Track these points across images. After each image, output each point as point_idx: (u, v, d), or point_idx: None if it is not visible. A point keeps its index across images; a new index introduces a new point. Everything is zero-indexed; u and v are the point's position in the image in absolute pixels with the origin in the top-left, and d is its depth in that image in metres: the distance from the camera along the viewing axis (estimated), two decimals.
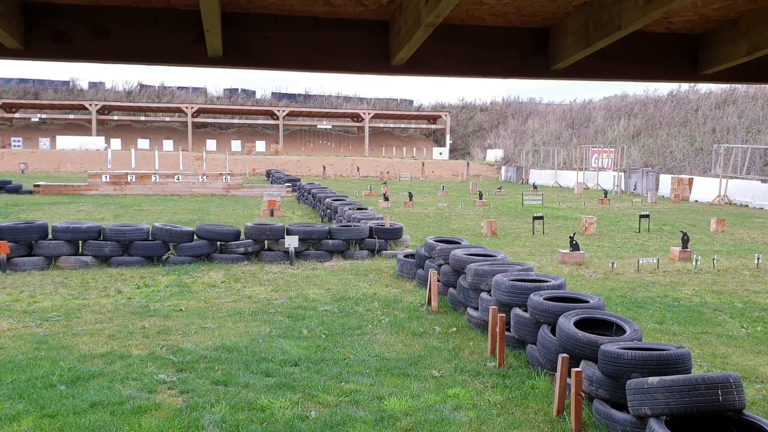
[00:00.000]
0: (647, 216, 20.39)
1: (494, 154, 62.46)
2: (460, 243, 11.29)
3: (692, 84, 46.80)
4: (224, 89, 72.85)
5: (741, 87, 44.17)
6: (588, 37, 2.80)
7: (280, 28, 2.92)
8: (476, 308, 8.54)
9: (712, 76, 3.37)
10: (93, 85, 69.40)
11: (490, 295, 8.03)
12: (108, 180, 31.77)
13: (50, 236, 12.54)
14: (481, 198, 29.09)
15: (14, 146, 57.27)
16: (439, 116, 69.43)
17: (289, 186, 34.05)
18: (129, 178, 32.29)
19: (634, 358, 5.21)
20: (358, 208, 18.41)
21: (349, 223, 15.38)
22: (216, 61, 2.89)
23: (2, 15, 2.49)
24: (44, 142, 58.21)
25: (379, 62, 3.12)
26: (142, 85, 70.32)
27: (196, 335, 8.04)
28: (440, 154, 63.40)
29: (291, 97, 73.26)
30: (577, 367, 5.58)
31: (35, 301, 9.72)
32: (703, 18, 3.02)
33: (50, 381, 6.29)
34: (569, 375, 5.41)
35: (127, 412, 5.63)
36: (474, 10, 2.91)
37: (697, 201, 32.15)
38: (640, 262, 13.13)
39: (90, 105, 61.18)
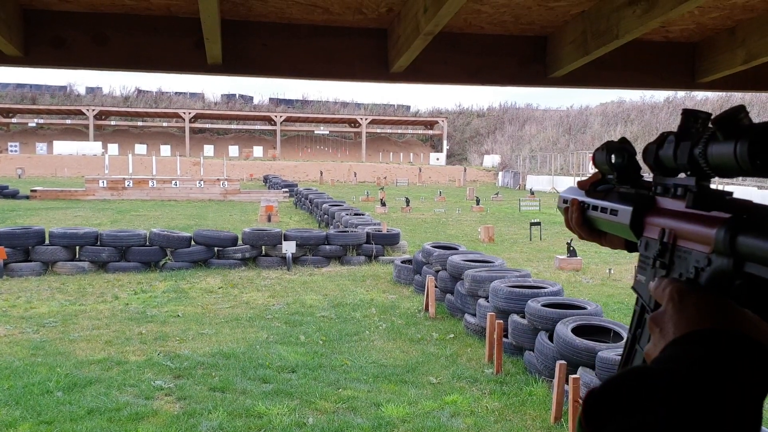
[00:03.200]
0: None
1: (491, 160, 62.57)
2: (457, 249, 11.30)
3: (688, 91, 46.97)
4: (222, 95, 72.99)
5: (737, 94, 44.39)
6: (586, 45, 2.81)
7: (280, 36, 2.93)
8: (474, 314, 8.54)
9: (709, 85, 3.38)
10: (90, 90, 69.44)
11: (488, 302, 8.03)
12: (105, 185, 31.74)
13: (47, 242, 12.51)
14: (478, 203, 29.12)
15: (11, 151, 57.24)
16: (436, 122, 69.55)
17: (286, 191, 34.05)
18: (126, 183, 32.26)
19: None
20: (356, 214, 18.41)
21: (347, 229, 15.39)
22: (215, 68, 2.89)
23: (3, 22, 2.50)
24: (41, 147, 58.17)
25: (378, 70, 3.12)
26: (139, 91, 70.39)
27: (194, 341, 8.03)
28: (437, 159, 63.48)
29: (288, 102, 73.39)
30: (575, 373, 5.58)
31: (32, 306, 9.70)
32: (701, 27, 3.04)
33: (47, 387, 6.28)
34: (567, 382, 5.41)
35: (124, 418, 5.61)
36: (472, 19, 2.92)
37: None
38: None
39: (87, 110, 61.20)
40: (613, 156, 0.87)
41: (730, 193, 0.67)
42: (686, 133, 0.70)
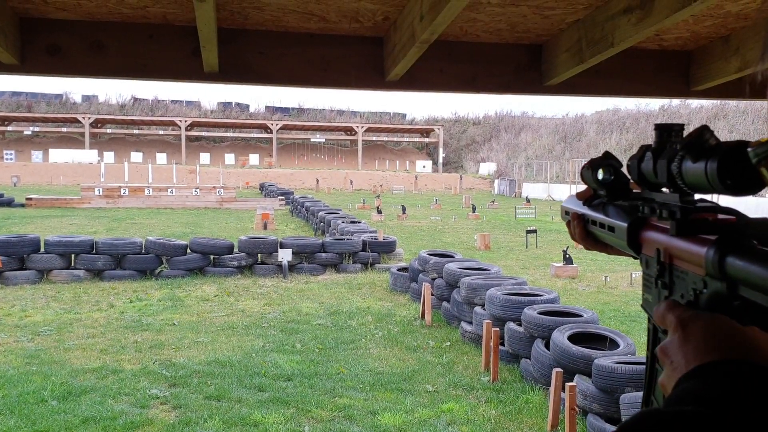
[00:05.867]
0: None
1: (487, 168, 62.63)
2: (453, 256, 11.30)
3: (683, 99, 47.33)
4: (218, 103, 73.00)
5: (731, 102, 44.62)
6: (581, 53, 2.82)
7: (276, 44, 2.93)
8: (470, 322, 8.53)
9: (703, 93, 3.39)
10: (86, 98, 69.38)
11: (484, 309, 8.03)
12: (101, 193, 31.66)
13: (42, 250, 12.48)
14: (474, 211, 29.13)
15: (6, 159, 57.06)
16: (432, 130, 69.65)
17: (282, 199, 34.01)
18: (122, 191, 32.20)
19: (628, 373, 5.21)
20: (352, 222, 18.40)
21: (343, 237, 15.38)
22: (212, 76, 2.90)
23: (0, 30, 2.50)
24: (37, 155, 58.05)
25: (374, 78, 3.13)
26: (135, 99, 70.35)
27: (189, 349, 8.01)
28: (423, 167, 63.52)
29: (284, 110, 73.43)
30: (571, 381, 5.58)
31: (27, 315, 9.66)
32: (695, 35, 3.06)
33: (42, 396, 6.25)
34: (563, 389, 5.41)
35: (120, 427, 5.59)
36: (468, 27, 2.93)
37: None
38: (633, 275, 13.16)
39: (83, 118, 61.12)
40: (599, 172, 0.86)
41: (717, 207, 0.66)
42: (662, 148, 0.68)
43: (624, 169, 0.84)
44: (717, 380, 0.51)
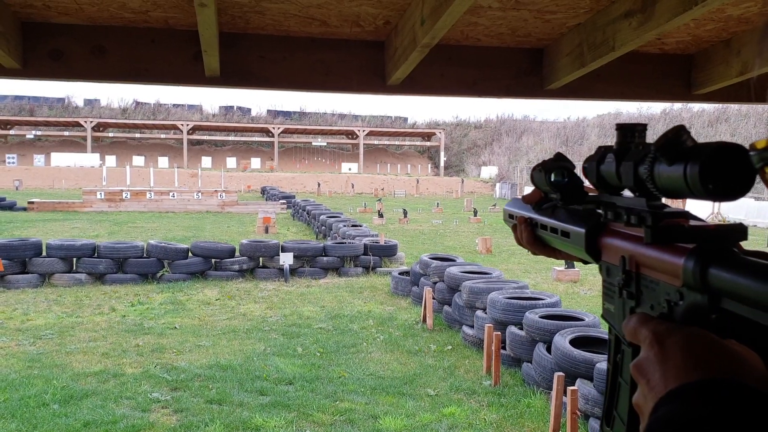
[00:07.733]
0: None
1: (489, 171, 62.61)
2: (455, 260, 11.29)
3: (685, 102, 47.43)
4: (220, 106, 73.06)
5: (733, 105, 44.66)
6: (582, 57, 2.83)
7: (277, 49, 2.94)
8: (471, 326, 8.52)
9: (705, 96, 3.39)
10: (88, 102, 69.50)
11: (486, 313, 8.02)
12: (103, 197, 31.67)
13: (44, 253, 12.48)
14: (475, 215, 29.12)
15: (9, 163, 57.14)
16: (434, 133, 69.66)
17: (284, 203, 34.02)
18: (124, 194, 32.21)
19: None
20: (353, 225, 18.41)
21: (344, 240, 15.37)
22: (213, 81, 2.90)
23: (1, 35, 2.50)
24: (39, 159, 58.12)
25: (375, 82, 3.13)
26: (137, 102, 70.45)
27: (191, 353, 8.00)
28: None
29: (286, 114, 73.53)
30: (573, 385, 5.57)
31: (29, 318, 9.66)
32: (696, 39, 3.06)
33: (43, 400, 6.24)
34: (565, 393, 5.40)
35: (121, 431, 5.58)
36: (469, 31, 2.93)
37: None
38: None
39: (85, 122, 61.19)
40: (552, 175, 0.82)
41: (688, 213, 0.62)
42: (625, 150, 0.64)
43: (578, 171, 0.79)
44: (704, 403, 0.46)
